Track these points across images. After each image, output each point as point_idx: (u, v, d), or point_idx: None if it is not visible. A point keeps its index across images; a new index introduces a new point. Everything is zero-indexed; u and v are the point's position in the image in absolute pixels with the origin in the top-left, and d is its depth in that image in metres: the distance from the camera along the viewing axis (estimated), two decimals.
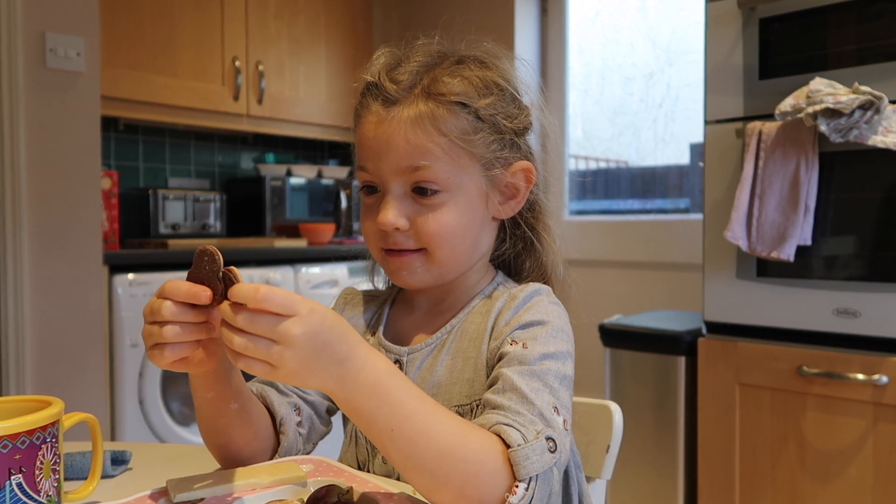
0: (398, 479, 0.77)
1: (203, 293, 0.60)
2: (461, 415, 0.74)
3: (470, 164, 0.76)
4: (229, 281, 0.59)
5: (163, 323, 0.61)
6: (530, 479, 0.61)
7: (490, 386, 0.70)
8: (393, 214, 0.75)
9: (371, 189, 0.79)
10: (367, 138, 0.77)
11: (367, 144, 0.77)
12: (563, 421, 0.67)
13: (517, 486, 0.61)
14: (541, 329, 0.73)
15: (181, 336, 0.61)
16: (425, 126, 0.74)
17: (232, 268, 0.60)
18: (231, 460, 0.76)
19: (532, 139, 0.84)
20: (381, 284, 0.95)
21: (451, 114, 0.75)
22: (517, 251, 0.86)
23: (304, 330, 0.56)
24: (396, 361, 0.81)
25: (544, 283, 0.84)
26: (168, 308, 0.61)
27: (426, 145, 0.74)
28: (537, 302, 0.77)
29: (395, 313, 0.88)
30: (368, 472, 0.80)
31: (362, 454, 0.82)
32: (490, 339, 0.77)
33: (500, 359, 0.72)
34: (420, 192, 0.75)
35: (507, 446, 0.62)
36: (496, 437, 0.63)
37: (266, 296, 0.55)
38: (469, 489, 0.60)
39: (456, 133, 0.75)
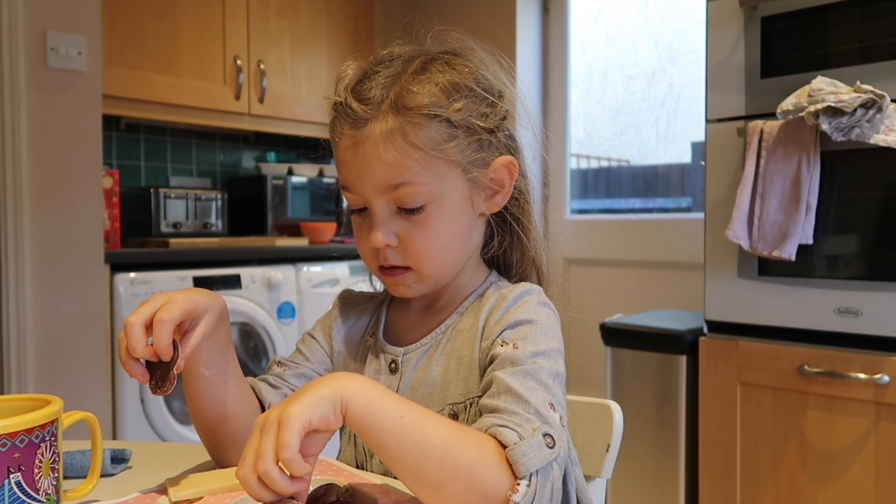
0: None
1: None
2: (456, 413, 0.76)
3: (449, 171, 0.75)
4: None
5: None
6: (531, 475, 0.61)
7: (485, 390, 0.70)
8: (382, 233, 0.75)
9: (361, 209, 0.79)
10: (345, 161, 0.76)
11: (346, 166, 0.76)
12: (560, 417, 0.67)
13: (518, 484, 0.60)
14: (530, 328, 0.73)
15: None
16: (398, 142, 0.73)
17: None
18: (211, 436, 0.77)
19: (519, 130, 0.83)
20: (379, 286, 0.95)
21: (423, 126, 0.73)
22: (504, 247, 0.86)
23: (277, 411, 0.56)
24: (393, 362, 0.82)
25: (536, 278, 0.84)
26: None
27: (402, 162, 0.73)
28: (526, 301, 0.77)
29: (392, 314, 0.89)
30: (367, 472, 0.80)
31: (360, 454, 0.82)
32: (481, 338, 0.77)
33: (491, 361, 0.72)
34: (405, 209, 0.75)
35: (504, 447, 0.61)
36: (492, 439, 0.62)
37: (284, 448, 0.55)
38: (473, 496, 0.60)
39: (430, 145, 0.73)
